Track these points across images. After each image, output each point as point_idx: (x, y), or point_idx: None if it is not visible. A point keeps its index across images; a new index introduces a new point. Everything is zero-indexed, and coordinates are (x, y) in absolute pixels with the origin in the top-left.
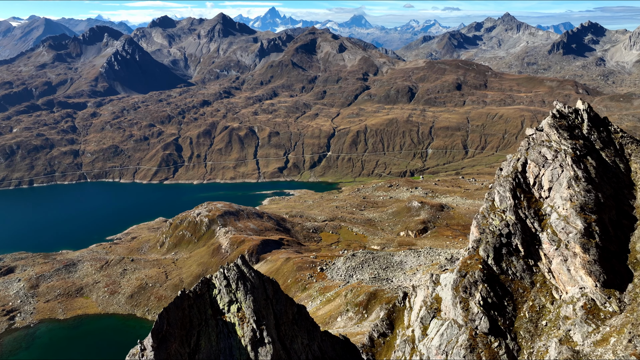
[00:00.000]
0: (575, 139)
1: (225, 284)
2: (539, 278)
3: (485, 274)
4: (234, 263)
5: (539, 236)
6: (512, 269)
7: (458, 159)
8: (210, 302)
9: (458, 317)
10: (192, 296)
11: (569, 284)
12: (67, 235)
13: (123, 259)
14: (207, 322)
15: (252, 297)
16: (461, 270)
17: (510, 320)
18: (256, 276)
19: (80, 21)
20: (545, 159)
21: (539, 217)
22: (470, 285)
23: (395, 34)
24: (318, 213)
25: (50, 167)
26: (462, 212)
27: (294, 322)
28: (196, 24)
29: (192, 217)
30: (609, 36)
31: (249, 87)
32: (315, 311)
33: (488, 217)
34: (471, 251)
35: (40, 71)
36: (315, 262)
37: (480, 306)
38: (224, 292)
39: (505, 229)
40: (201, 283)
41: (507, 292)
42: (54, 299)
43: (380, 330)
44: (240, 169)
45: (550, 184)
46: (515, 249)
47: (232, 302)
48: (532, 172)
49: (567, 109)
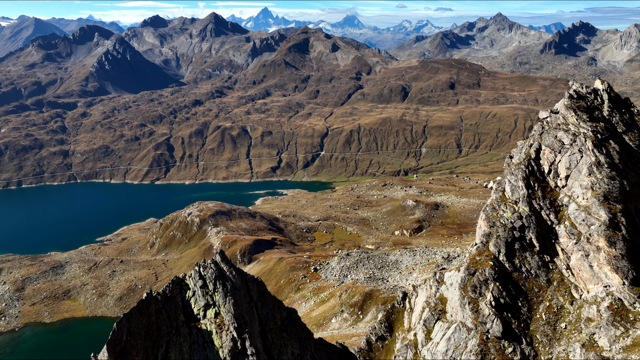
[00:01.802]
0: (595, 121)
1: (201, 284)
2: (555, 275)
3: (496, 272)
4: (212, 260)
5: (555, 229)
6: (526, 266)
7: (452, 158)
8: (182, 307)
9: (467, 319)
10: (160, 299)
11: (591, 281)
12: (56, 236)
13: (112, 260)
14: (179, 330)
15: (232, 299)
16: (469, 267)
17: (525, 322)
18: (238, 275)
19: (70, 21)
20: (561, 144)
21: (555, 209)
22: (480, 284)
23: (388, 34)
24: (312, 212)
25: (39, 167)
26: (457, 211)
27: (283, 328)
28: (188, 24)
29: (182, 217)
30: (600, 36)
31: (241, 86)
32: (309, 312)
33: (498, 208)
34: (480, 247)
35: (29, 71)
36: (308, 262)
37: (491, 307)
38: (200, 294)
39: (518, 221)
40: (172, 283)
41: (521, 291)
42: (40, 301)
43: (379, 333)
44: (232, 169)
45: (568, 171)
46: (529, 243)
47: (208, 305)
48: (547, 159)
49: (585, 89)
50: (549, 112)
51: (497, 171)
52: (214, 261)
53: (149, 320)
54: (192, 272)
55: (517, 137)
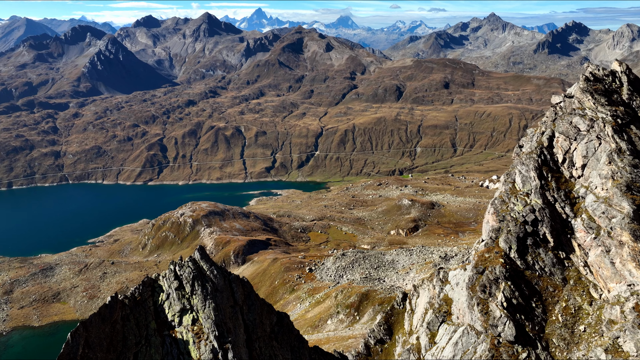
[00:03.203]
0: (614, 105)
1: (177, 285)
2: (572, 273)
3: (507, 270)
4: (190, 257)
5: (571, 223)
6: (540, 263)
7: (447, 157)
8: (154, 312)
9: (475, 322)
10: (128, 304)
11: (612, 280)
12: (47, 238)
13: (103, 262)
14: (149, 339)
15: (213, 303)
16: (478, 265)
17: (540, 325)
18: (220, 275)
19: (63, 22)
20: (577, 130)
21: (571, 201)
22: (490, 284)
23: (381, 35)
24: (306, 212)
25: (30, 168)
26: (453, 210)
27: (273, 336)
28: (181, 24)
29: (175, 218)
30: (593, 36)
31: (235, 86)
32: (304, 314)
33: (508, 201)
34: (489, 243)
35: (20, 71)
36: (303, 263)
37: (503, 309)
38: (175, 298)
39: (530, 215)
40: (142, 285)
41: (534, 291)
42: (29, 304)
43: (377, 336)
44: (226, 169)
45: (585, 159)
46: (543, 238)
47: (185, 310)
48: (560, 147)
49: (602, 71)
50: (562, 97)
51: (492, 170)
52: (192, 259)
53: (114, 329)
54: (166, 271)
55: (512, 136)
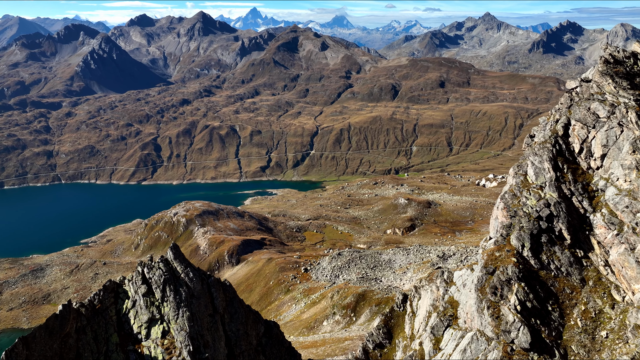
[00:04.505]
0: (637, 89)
1: (145, 291)
2: (591, 274)
3: (520, 270)
4: (161, 258)
5: (589, 218)
6: (556, 263)
7: (443, 156)
8: (117, 323)
9: (486, 327)
10: (84, 313)
11: (637, 280)
12: (39, 239)
13: (95, 262)
14: (110, 356)
15: (188, 312)
16: (487, 265)
17: (557, 330)
18: (197, 278)
19: (56, 21)
20: (596, 117)
21: (589, 194)
22: (502, 285)
23: (377, 34)
24: (302, 212)
25: (22, 168)
26: (449, 209)
27: (260, 349)
28: (176, 23)
29: (168, 218)
30: (587, 35)
31: (230, 85)
32: (299, 314)
33: (520, 195)
34: (499, 240)
35: (12, 70)
36: (299, 263)
37: (516, 313)
38: (142, 305)
39: (544, 210)
40: (104, 290)
41: (550, 293)
42: (18, 306)
43: (376, 340)
44: (221, 169)
45: (605, 149)
46: (559, 235)
47: (154, 321)
48: (577, 136)
49: (622, 53)
50: (578, 81)
51: (488, 169)
52: (164, 259)
53: (64, 345)
54: (132, 274)
55: (508, 135)
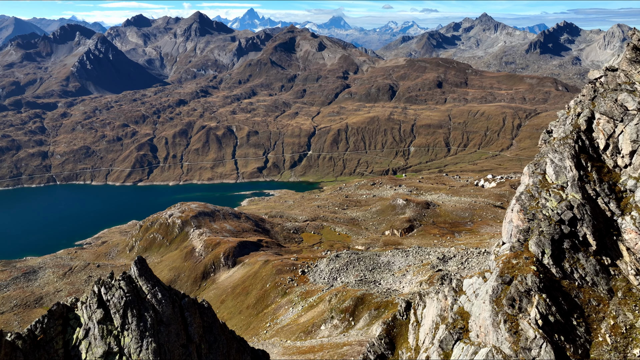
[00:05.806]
0: None
1: (100, 317)
2: (620, 284)
3: (541, 279)
4: (123, 275)
5: (617, 222)
6: (580, 271)
7: (440, 156)
8: (64, 356)
9: (502, 343)
10: (20, 347)
11: None
12: (33, 241)
13: (88, 264)
14: None
15: (154, 343)
16: (503, 274)
17: (583, 348)
18: (167, 300)
19: (52, 21)
20: (624, 109)
21: (617, 195)
22: (521, 297)
23: (374, 35)
24: (299, 213)
25: (16, 169)
26: (448, 210)
27: None
28: (172, 23)
29: (163, 219)
30: (584, 36)
31: (226, 86)
32: (296, 318)
33: (538, 196)
34: (515, 246)
35: (7, 71)
36: (296, 265)
37: (537, 328)
38: (97, 335)
39: (567, 212)
40: (49, 317)
41: (574, 305)
42: (10, 310)
43: (378, 350)
44: (218, 170)
45: (634, 145)
46: (583, 241)
47: (111, 354)
48: (602, 131)
49: None
50: (603, 70)
51: (486, 169)
52: (126, 276)
53: None
54: (86, 295)
55: (506, 135)
